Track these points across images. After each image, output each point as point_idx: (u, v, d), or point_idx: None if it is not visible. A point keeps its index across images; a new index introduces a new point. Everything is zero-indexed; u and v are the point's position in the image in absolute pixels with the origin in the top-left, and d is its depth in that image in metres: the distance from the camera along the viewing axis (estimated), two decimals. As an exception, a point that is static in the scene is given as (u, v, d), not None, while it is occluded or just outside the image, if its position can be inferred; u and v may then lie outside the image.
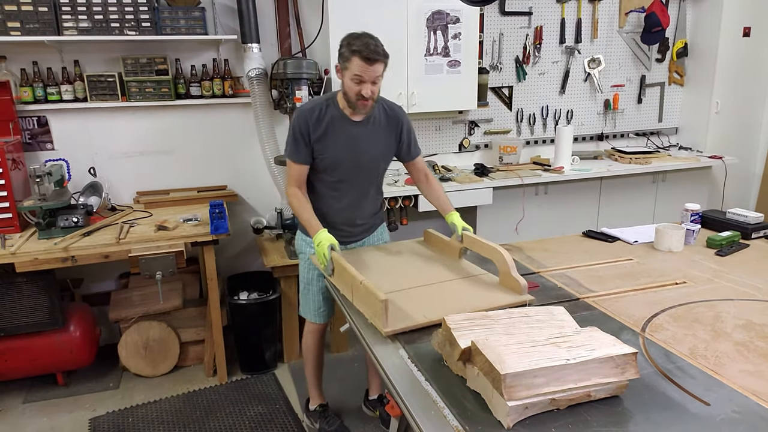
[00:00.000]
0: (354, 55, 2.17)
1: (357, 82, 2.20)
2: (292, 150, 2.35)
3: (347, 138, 2.36)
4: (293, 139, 2.34)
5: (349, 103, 2.29)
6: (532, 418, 1.29)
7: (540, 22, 4.35)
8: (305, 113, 2.33)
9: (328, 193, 2.46)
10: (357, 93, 2.23)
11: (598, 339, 1.41)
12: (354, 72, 2.19)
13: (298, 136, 2.32)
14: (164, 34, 3.35)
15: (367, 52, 2.16)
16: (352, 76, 2.20)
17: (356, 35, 2.21)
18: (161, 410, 3.09)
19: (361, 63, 2.17)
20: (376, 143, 2.43)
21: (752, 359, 1.55)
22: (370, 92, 2.24)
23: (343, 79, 2.26)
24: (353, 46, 2.18)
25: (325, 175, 2.41)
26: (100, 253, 2.89)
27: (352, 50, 2.17)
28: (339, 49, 2.24)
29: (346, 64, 2.21)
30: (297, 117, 2.34)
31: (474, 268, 2.19)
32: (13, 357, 3.10)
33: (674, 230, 2.46)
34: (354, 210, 2.52)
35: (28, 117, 3.42)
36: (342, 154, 2.37)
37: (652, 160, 4.34)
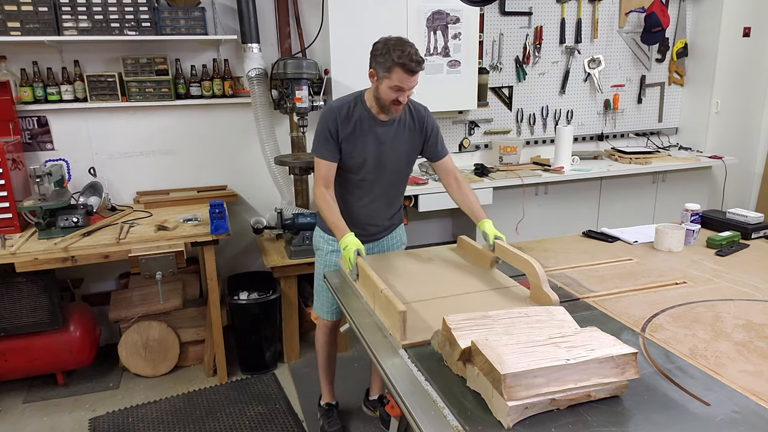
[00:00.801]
0: (397, 66, 2.12)
1: (396, 90, 2.17)
2: (321, 147, 2.32)
3: (374, 137, 2.35)
4: (322, 136, 2.31)
5: (382, 107, 2.26)
6: (532, 418, 1.29)
7: (540, 22, 4.35)
8: (334, 111, 2.30)
9: (351, 191, 2.45)
10: (393, 100, 2.21)
11: (598, 339, 1.41)
12: (395, 83, 2.15)
13: (327, 133, 2.30)
14: (164, 34, 3.35)
15: (411, 65, 2.13)
16: (392, 86, 2.16)
17: (395, 42, 2.16)
18: (161, 410, 3.09)
19: (404, 74, 2.14)
20: (401, 143, 2.42)
21: (752, 359, 1.55)
22: (406, 98, 2.24)
23: (378, 85, 2.21)
24: (395, 56, 2.12)
25: (350, 173, 2.41)
26: (100, 253, 2.89)
27: (395, 61, 2.11)
28: (375, 54, 2.18)
29: (386, 74, 2.15)
30: (326, 114, 2.31)
31: (506, 279, 2.13)
32: (13, 357, 3.10)
33: (674, 230, 2.46)
34: (375, 210, 2.52)
35: (28, 117, 3.42)
36: (369, 153, 2.36)
37: (652, 160, 4.34)
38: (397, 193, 2.60)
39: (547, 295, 1.85)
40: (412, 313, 1.79)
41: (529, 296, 1.95)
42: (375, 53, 2.19)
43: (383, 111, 2.28)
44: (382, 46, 2.16)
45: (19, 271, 2.80)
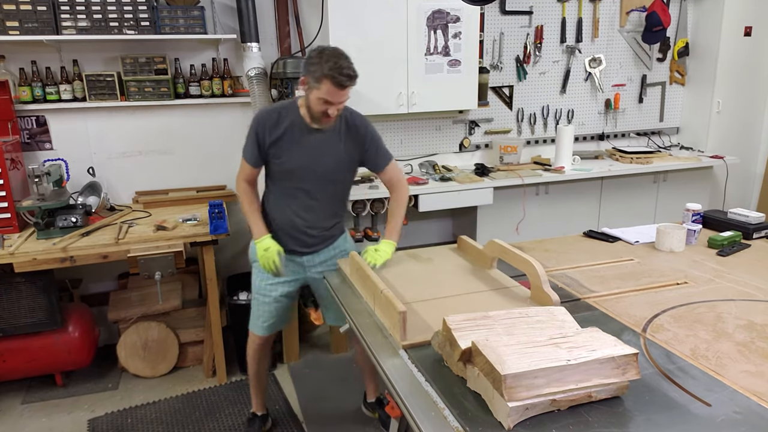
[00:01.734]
0: (325, 78, 2.07)
1: (323, 103, 2.13)
2: (247, 149, 2.35)
3: (305, 146, 2.30)
4: (250, 139, 2.32)
5: (312, 117, 2.22)
6: (532, 419, 1.28)
7: (540, 21, 4.34)
8: (264, 115, 2.29)
9: (286, 199, 2.41)
10: (323, 112, 2.17)
11: (599, 339, 1.41)
12: (322, 95, 2.11)
13: (253, 136, 2.29)
14: (163, 33, 3.34)
15: (341, 79, 2.07)
16: (320, 98, 2.12)
17: (328, 53, 2.10)
18: (160, 411, 3.08)
19: (333, 88, 2.09)
20: (336, 153, 2.36)
21: (753, 360, 1.54)
22: (336, 111, 2.18)
23: (309, 94, 2.17)
24: (325, 68, 2.07)
25: (283, 181, 2.38)
26: (99, 254, 2.88)
27: (324, 73, 2.07)
28: (308, 62, 2.13)
29: (316, 84, 2.11)
30: (256, 118, 2.30)
31: (506, 279, 2.12)
32: (11, 357, 3.10)
33: (675, 230, 2.45)
34: (314, 219, 2.44)
35: (26, 117, 3.41)
36: (298, 161, 2.31)
37: (653, 159, 4.33)
38: (338, 203, 2.52)
39: (548, 295, 1.84)
40: (412, 314, 1.78)
41: (529, 296, 1.94)
42: (308, 61, 2.14)
43: (314, 120, 2.24)
44: (316, 55, 2.11)
45: (17, 271, 2.80)
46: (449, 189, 3.75)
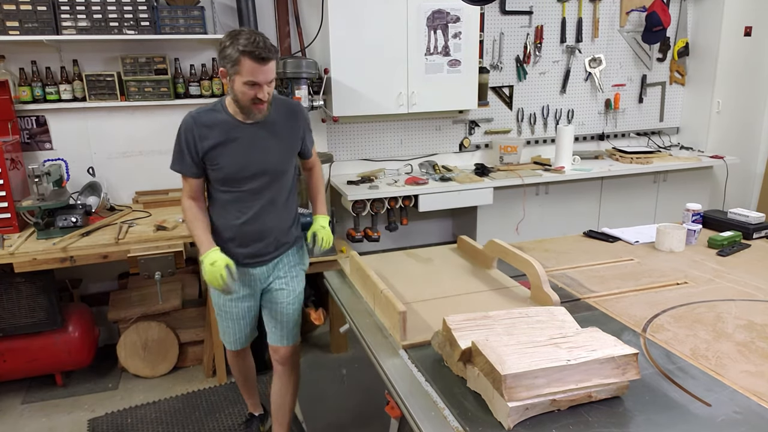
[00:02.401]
0: (244, 56, 1.90)
1: (251, 85, 1.95)
2: (178, 162, 2.14)
3: (242, 144, 2.10)
4: (178, 150, 2.11)
5: (242, 109, 2.04)
6: (532, 419, 1.28)
7: (540, 21, 4.34)
8: (190, 121, 2.08)
9: (232, 206, 2.19)
10: (252, 98, 1.98)
11: (599, 339, 1.41)
12: (246, 76, 1.93)
13: (184, 146, 2.09)
14: (163, 33, 3.34)
15: (259, 51, 1.90)
16: (245, 81, 1.94)
17: (237, 32, 1.94)
18: (160, 411, 3.08)
19: (254, 64, 1.91)
20: (277, 144, 2.18)
21: (753, 360, 1.55)
22: (267, 94, 2.00)
23: (232, 84, 1.98)
24: (239, 44, 1.89)
25: (225, 186, 2.16)
26: (99, 254, 2.88)
27: (240, 50, 1.89)
28: (220, 50, 1.95)
29: (235, 68, 1.93)
30: (182, 126, 2.10)
31: (506, 279, 2.12)
32: (11, 357, 3.09)
33: (675, 230, 2.46)
34: (266, 224, 2.22)
35: (26, 116, 3.41)
36: (238, 162, 2.11)
37: (653, 159, 4.33)
38: (288, 201, 2.30)
39: (548, 295, 1.84)
40: (412, 314, 1.78)
41: (529, 296, 1.94)
42: (221, 48, 1.95)
43: (245, 114, 2.07)
44: (227, 38, 1.94)
45: (17, 271, 2.79)
46: (449, 189, 3.75)
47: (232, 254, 2.17)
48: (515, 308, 1.67)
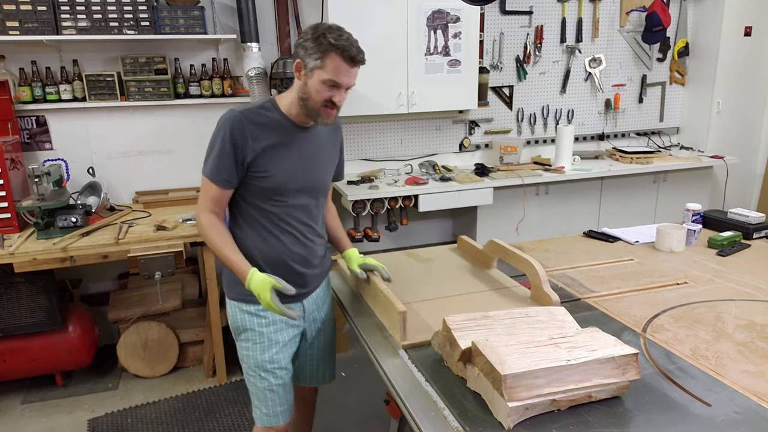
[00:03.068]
0: (334, 51, 1.64)
1: (330, 86, 1.68)
2: (216, 166, 1.76)
3: (294, 150, 1.81)
4: (220, 151, 1.75)
5: (308, 111, 1.74)
6: (532, 419, 1.28)
7: (540, 21, 4.34)
8: (238, 117, 1.74)
9: (274, 227, 1.83)
10: (326, 100, 1.70)
11: (599, 339, 1.41)
12: (329, 75, 1.66)
13: (228, 147, 1.73)
14: (163, 33, 3.34)
15: (352, 50, 1.66)
16: (325, 79, 1.67)
17: (329, 26, 1.68)
18: (160, 411, 3.08)
19: (342, 63, 1.66)
20: (323, 157, 1.92)
21: (753, 360, 1.55)
22: (342, 99, 1.74)
23: (307, 80, 1.70)
24: (331, 37, 1.64)
25: (268, 201, 1.81)
26: (99, 254, 2.88)
27: (331, 44, 1.64)
28: (303, 40, 1.68)
29: (318, 62, 1.66)
30: (226, 123, 1.74)
31: (506, 279, 2.12)
32: (11, 357, 3.10)
33: (675, 230, 2.45)
34: (308, 247, 1.91)
35: (26, 117, 3.41)
36: (290, 170, 1.80)
37: (653, 159, 4.33)
38: (323, 220, 2.02)
39: (548, 295, 1.84)
40: (412, 314, 1.78)
41: (529, 296, 1.94)
42: (302, 39, 1.69)
43: (310, 117, 1.76)
44: (312, 31, 1.68)
45: (17, 271, 2.79)
46: (449, 189, 3.75)
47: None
48: (515, 308, 1.67)
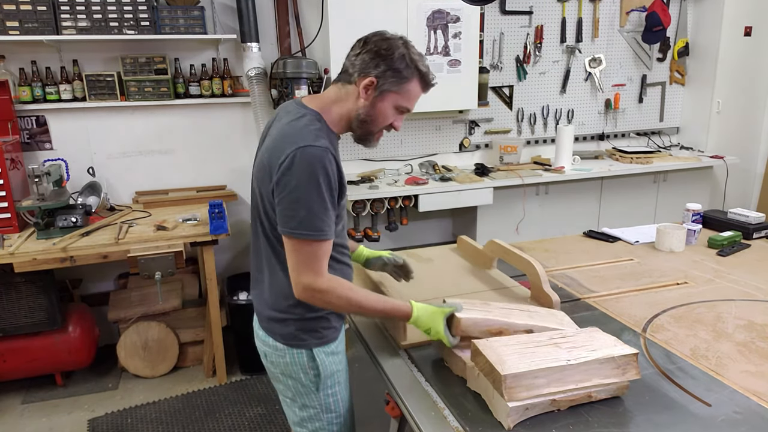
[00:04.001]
0: (418, 77, 1.50)
1: (401, 112, 1.54)
2: (324, 220, 1.43)
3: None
4: (323, 201, 1.42)
5: (364, 132, 1.56)
6: (532, 419, 1.28)
7: (540, 21, 4.34)
8: (331, 155, 1.43)
9: (342, 255, 1.64)
10: (388, 125, 1.56)
11: (599, 339, 1.41)
12: (404, 102, 1.51)
13: (333, 192, 1.45)
14: (163, 33, 3.34)
15: (431, 77, 1.53)
16: (400, 105, 1.51)
17: (406, 41, 1.52)
18: (160, 411, 3.08)
19: (420, 91, 1.53)
20: None
21: (754, 360, 1.55)
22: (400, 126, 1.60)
23: (377, 101, 1.49)
24: (420, 63, 1.49)
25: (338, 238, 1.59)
26: (99, 254, 2.88)
27: (418, 69, 1.49)
28: (386, 55, 1.47)
29: (397, 86, 1.48)
30: (326, 164, 1.41)
31: (506, 279, 2.12)
32: (11, 357, 3.10)
33: (675, 230, 2.45)
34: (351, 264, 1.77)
35: (26, 116, 3.41)
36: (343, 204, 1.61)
37: (653, 159, 4.33)
38: None
39: (548, 295, 1.84)
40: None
41: (529, 296, 1.94)
42: (387, 55, 1.47)
43: (362, 138, 1.59)
44: (401, 47, 1.48)
45: (17, 271, 2.80)
46: (449, 189, 3.75)
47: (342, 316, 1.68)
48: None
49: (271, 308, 1.60)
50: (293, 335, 1.58)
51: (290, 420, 1.73)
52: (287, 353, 1.59)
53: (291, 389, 1.65)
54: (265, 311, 1.63)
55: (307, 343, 1.58)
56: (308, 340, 1.58)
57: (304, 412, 1.66)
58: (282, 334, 1.59)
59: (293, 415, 1.70)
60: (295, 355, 1.59)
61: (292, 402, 1.68)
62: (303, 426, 1.68)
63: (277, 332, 1.60)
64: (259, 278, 1.66)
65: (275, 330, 1.60)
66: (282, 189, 1.41)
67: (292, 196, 1.40)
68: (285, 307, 1.57)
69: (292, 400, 1.67)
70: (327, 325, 1.60)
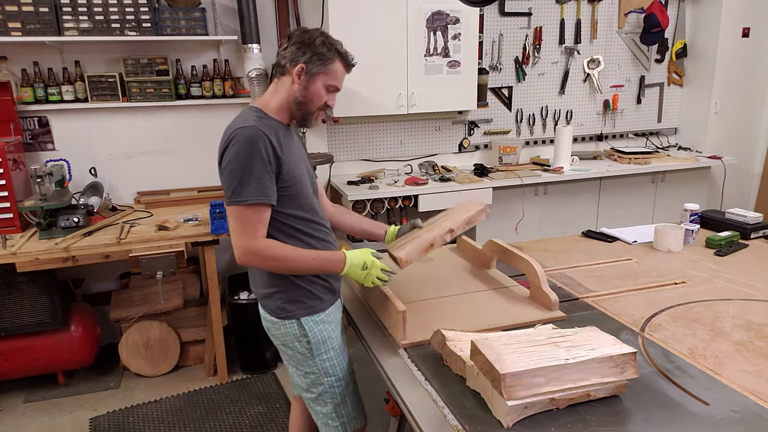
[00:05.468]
0: (339, 58, 1.76)
1: (330, 90, 1.78)
2: (263, 187, 1.64)
3: (297, 151, 1.82)
4: (260, 170, 1.62)
5: (304, 114, 1.77)
6: (531, 418, 1.29)
7: (539, 22, 4.36)
8: (262, 131, 1.64)
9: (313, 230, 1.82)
10: (323, 103, 1.78)
11: (598, 339, 1.42)
12: (333, 81, 1.76)
13: (265, 164, 1.63)
14: (165, 34, 3.35)
15: (351, 58, 1.80)
16: (329, 84, 1.76)
17: (322, 32, 1.77)
18: (162, 410, 3.09)
19: (343, 70, 1.79)
20: (303, 152, 1.92)
21: (751, 359, 1.56)
22: (334, 104, 1.83)
23: (309, 84, 1.73)
24: (337, 45, 1.75)
25: (300, 209, 1.77)
26: (101, 253, 2.90)
27: (337, 51, 1.75)
28: (308, 44, 1.71)
29: (323, 68, 1.73)
30: (256, 139, 1.62)
31: (505, 279, 2.13)
32: (14, 357, 3.11)
33: (673, 230, 2.47)
34: (334, 243, 1.94)
35: (28, 117, 3.42)
36: (303, 172, 1.80)
37: (651, 160, 4.35)
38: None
39: (547, 294, 1.85)
40: (412, 313, 1.79)
41: (528, 296, 1.96)
42: (309, 43, 1.71)
43: (303, 120, 1.79)
44: (319, 36, 1.73)
45: (20, 271, 2.81)
46: (449, 189, 3.77)
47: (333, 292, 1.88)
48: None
49: (261, 285, 1.83)
50: (281, 308, 1.79)
51: (299, 387, 1.95)
52: (281, 325, 1.81)
53: (292, 358, 1.88)
54: (258, 290, 1.86)
55: (295, 313, 1.79)
56: (295, 311, 1.79)
57: (308, 379, 1.88)
58: (272, 308, 1.81)
59: (300, 382, 1.91)
60: (287, 326, 1.81)
61: (297, 370, 1.89)
62: (310, 391, 1.90)
63: (269, 306, 1.82)
64: None
65: (267, 305, 1.82)
66: (223, 168, 1.67)
67: (227, 169, 1.64)
68: (270, 282, 1.79)
69: (296, 368, 1.89)
70: (311, 296, 1.80)
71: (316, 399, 1.90)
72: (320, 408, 1.91)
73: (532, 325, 1.69)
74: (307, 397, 1.93)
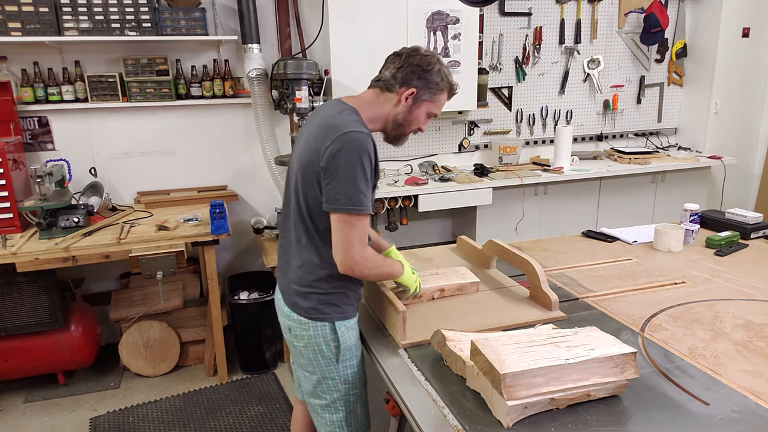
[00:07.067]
0: (448, 90, 1.77)
1: (429, 117, 1.79)
2: (365, 194, 1.60)
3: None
4: (366, 179, 1.60)
5: (399, 134, 1.79)
6: (531, 418, 1.29)
7: (539, 22, 4.36)
8: (368, 138, 1.62)
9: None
10: (418, 128, 1.80)
11: (598, 339, 1.42)
12: (436, 109, 1.77)
13: (369, 171, 1.61)
14: (165, 34, 3.35)
15: (456, 89, 1.81)
16: (431, 113, 1.77)
17: (441, 61, 1.76)
18: (162, 410, 3.09)
19: (447, 99, 1.80)
20: None
21: (751, 359, 1.56)
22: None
23: (414, 108, 1.74)
24: (450, 78, 1.76)
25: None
26: (101, 253, 2.90)
27: (449, 82, 1.75)
28: (426, 70, 1.71)
29: (432, 97, 1.74)
30: (361, 145, 1.58)
31: (505, 279, 2.13)
32: (14, 357, 3.11)
33: (673, 230, 2.47)
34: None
35: (28, 117, 3.42)
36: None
37: (651, 160, 4.35)
38: None
39: (547, 294, 1.85)
40: (412, 314, 1.79)
41: (528, 296, 1.96)
42: (427, 70, 1.71)
43: (396, 138, 1.82)
44: (437, 63, 1.73)
45: (20, 271, 2.81)
46: (449, 189, 3.77)
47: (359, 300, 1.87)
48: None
49: (297, 284, 1.76)
50: (316, 309, 1.74)
51: (306, 392, 1.90)
52: (311, 326, 1.75)
53: (312, 362, 1.80)
54: (290, 287, 1.79)
55: (330, 316, 1.74)
56: (330, 314, 1.74)
57: (323, 384, 1.82)
58: (305, 308, 1.75)
59: (310, 387, 1.85)
60: (319, 328, 1.74)
61: (311, 375, 1.82)
62: (321, 398, 1.84)
63: (301, 306, 1.75)
64: (285, 258, 1.82)
65: (299, 304, 1.76)
66: (331, 171, 1.58)
67: (341, 176, 1.57)
68: (309, 282, 1.73)
69: (311, 372, 1.82)
70: (346, 300, 1.77)
71: (327, 406, 1.84)
72: (329, 415, 1.85)
73: (532, 325, 1.69)
74: (315, 403, 1.87)
